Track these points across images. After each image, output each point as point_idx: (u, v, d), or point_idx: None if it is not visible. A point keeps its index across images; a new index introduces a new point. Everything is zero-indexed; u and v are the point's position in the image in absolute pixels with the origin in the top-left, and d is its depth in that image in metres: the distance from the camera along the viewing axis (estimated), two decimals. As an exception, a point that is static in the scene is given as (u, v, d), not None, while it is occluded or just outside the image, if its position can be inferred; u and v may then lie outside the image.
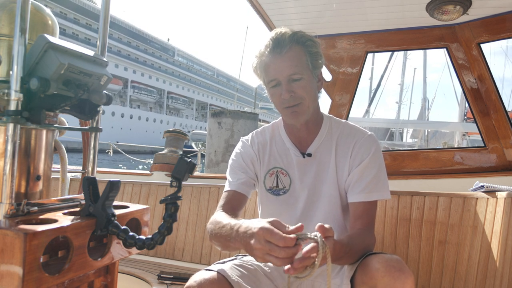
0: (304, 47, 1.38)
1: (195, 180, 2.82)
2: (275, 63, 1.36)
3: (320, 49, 1.43)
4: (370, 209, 1.41)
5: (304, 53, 1.38)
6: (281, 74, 1.36)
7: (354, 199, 1.41)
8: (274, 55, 1.36)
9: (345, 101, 2.82)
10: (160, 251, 2.49)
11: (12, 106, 0.95)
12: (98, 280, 1.15)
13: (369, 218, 1.40)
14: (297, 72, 1.35)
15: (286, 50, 1.35)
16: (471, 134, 14.82)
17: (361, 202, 1.40)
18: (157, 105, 68.33)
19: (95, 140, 1.24)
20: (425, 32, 2.55)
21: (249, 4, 2.38)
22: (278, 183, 1.51)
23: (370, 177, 1.41)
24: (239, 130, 6.14)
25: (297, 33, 1.38)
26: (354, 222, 1.40)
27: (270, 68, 1.38)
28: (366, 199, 1.40)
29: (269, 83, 1.41)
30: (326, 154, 1.48)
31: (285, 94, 1.36)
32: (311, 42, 1.39)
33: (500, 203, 1.76)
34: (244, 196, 1.49)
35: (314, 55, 1.40)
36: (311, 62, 1.39)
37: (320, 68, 1.45)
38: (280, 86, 1.38)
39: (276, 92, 1.40)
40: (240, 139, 1.61)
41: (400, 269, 1.12)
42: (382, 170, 1.44)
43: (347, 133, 1.50)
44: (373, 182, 1.40)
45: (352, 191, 1.42)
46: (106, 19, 1.21)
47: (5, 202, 0.95)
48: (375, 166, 1.43)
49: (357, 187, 1.41)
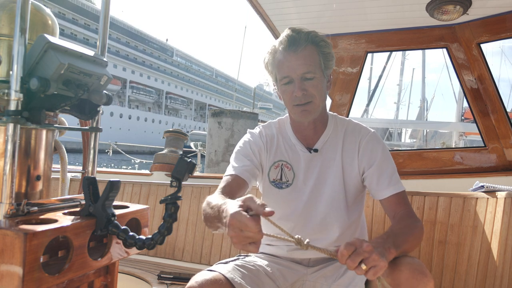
0: (317, 47, 1.41)
1: (195, 180, 2.81)
2: (290, 60, 1.39)
3: (332, 50, 1.46)
4: (401, 197, 1.42)
5: (317, 53, 1.41)
6: (295, 72, 1.38)
7: (384, 195, 1.42)
8: (288, 52, 1.39)
9: (345, 101, 2.82)
10: (160, 251, 2.48)
11: (12, 106, 0.95)
12: (98, 280, 1.15)
13: (405, 204, 1.41)
14: (311, 71, 1.38)
15: (301, 49, 1.38)
16: (468, 134, 14.85)
17: (392, 196, 1.41)
18: (155, 105, 68.31)
19: (95, 140, 1.23)
20: (425, 32, 2.56)
21: (249, 4, 2.38)
22: (282, 176, 1.52)
23: (390, 170, 1.44)
24: (239, 130, 6.15)
25: (311, 32, 1.41)
26: (394, 214, 1.40)
27: (283, 65, 1.40)
28: (395, 191, 1.41)
29: (281, 80, 1.43)
30: (332, 151, 1.50)
31: (298, 92, 1.38)
32: (324, 42, 1.43)
33: (500, 203, 1.76)
34: (245, 182, 1.44)
35: (326, 56, 1.43)
36: (324, 62, 1.42)
37: (331, 69, 1.48)
38: (292, 83, 1.40)
39: (288, 89, 1.42)
40: (248, 131, 1.61)
41: (423, 272, 1.13)
42: (394, 164, 1.48)
43: (352, 129, 1.53)
44: (394, 174, 1.44)
45: (379, 189, 1.43)
46: (106, 20, 1.21)
47: (5, 202, 0.95)
48: (389, 161, 1.47)
49: (382, 183, 1.43)
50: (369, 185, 1.47)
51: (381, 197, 1.43)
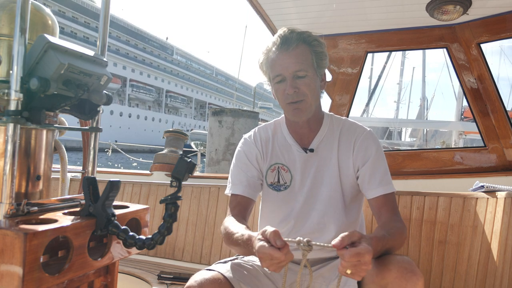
0: (310, 47, 1.42)
1: (195, 180, 2.81)
2: (282, 59, 1.40)
3: (325, 50, 1.47)
4: (390, 199, 1.43)
5: (310, 52, 1.42)
6: (287, 70, 1.39)
7: (373, 194, 1.43)
8: (281, 51, 1.41)
9: (345, 101, 2.82)
10: (160, 251, 2.49)
11: (12, 106, 0.95)
12: (98, 280, 1.15)
13: (392, 207, 1.42)
14: (302, 69, 1.39)
15: (292, 48, 1.39)
16: (467, 133, 14.84)
17: (380, 196, 1.42)
18: (155, 104, 68.29)
19: (95, 140, 1.23)
20: (425, 32, 2.55)
21: (249, 4, 2.38)
22: (279, 179, 1.52)
23: (382, 170, 1.45)
24: (240, 128, 6.15)
25: (304, 32, 1.43)
26: (379, 214, 1.42)
27: (276, 64, 1.42)
28: (385, 192, 1.42)
29: (274, 79, 1.44)
30: (328, 150, 1.50)
31: (290, 90, 1.39)
32: (317, 42, 1.44)
33: (500, 203, 1.77)
34: (251, 200, 1.51)
35: (319, 55, 1.44)
36: (316, 61, 1.43)
37: (324, 68, 1.49)
38: (285, 82, 1.41)
39: (280, 87, 1.43)
40: (243, 137, 1.63)
41: (412, 270, 1.13)
42: (386, 164, 1.49)
43: (348, 128, 1.53)
44: (387, 175, 1.45)
45: (369, 187, 1.44)
46: (106, 19, 1.21)
47: (5, 202, 0.95)
48: (383, 161, 1.47)
49: (373, 182, 1.43)
50: (360, 183, 1.47)
51: (370, 196, 1.44)
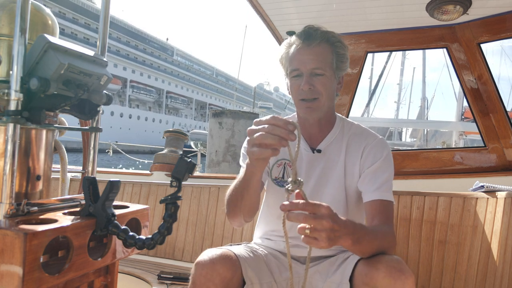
0: (332, 47, 1.41)
1: (195, 180, 2.81)
2: (301, 54, 1.39)
3: (347, 53, 1.45)
4: (387, 206, 1.36)
5: (331, 52, 1.41)
6: (305, 66, 1.38)
7: (369, 197, 1.38)
8: (302, 46, 1.40)
9: (345, 101, 2.81)
10: (160, 251, 2.49)
11: (12, 106, 0.95)
12: (98, 280, 1.15)
13: (387, 215, 1.36)
14: (320, 67, 1.38)
15: (314, 45, 1.38)
16: (468, 134, 14.83)
17: (377, 200, 1.36)
18: (156, 104, 68.28)
19: (95, 140, 1.23)
20: (425, 32, 2.55)
21: (249, 4, 2.38)
22: (284, 175, 1.51)
23: (384, 178, 1.40)
24: (240, 130, 6.16)
25: (329, 32, 1.41)
26: (372, 221, 1.36)
27: (295, 58, 1.41)
28: (382, 197, 1.36)
29: (291, 73, 1.43)
30: (336, 153, 1.48)
31: (305, 86, 1.37)
32: (340, 44, 1.43)
33: (500, 203, 1.77)
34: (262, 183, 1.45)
35: (340, 57, 1.43)
36: (336, 62, 1.42)
37: (343, 71, 1.47)
38: (301, 77, 1.40)
39: (296, 82, 1.42)
40: None
41: (400, 269, 1.12)
42: (392, 175, 1.44)
43: (359, 134, 1.51)
44: (388, 183, 1.40)
45: (367, 191, 1.40)
46: (106, 19, 1.21)
47: (5, 202, 0.95)
48: (388, 169, 1.42)
49: (371, 186, 1.39)
50: (360, 185, 1.43)
51: (366, 199, 1.39)
